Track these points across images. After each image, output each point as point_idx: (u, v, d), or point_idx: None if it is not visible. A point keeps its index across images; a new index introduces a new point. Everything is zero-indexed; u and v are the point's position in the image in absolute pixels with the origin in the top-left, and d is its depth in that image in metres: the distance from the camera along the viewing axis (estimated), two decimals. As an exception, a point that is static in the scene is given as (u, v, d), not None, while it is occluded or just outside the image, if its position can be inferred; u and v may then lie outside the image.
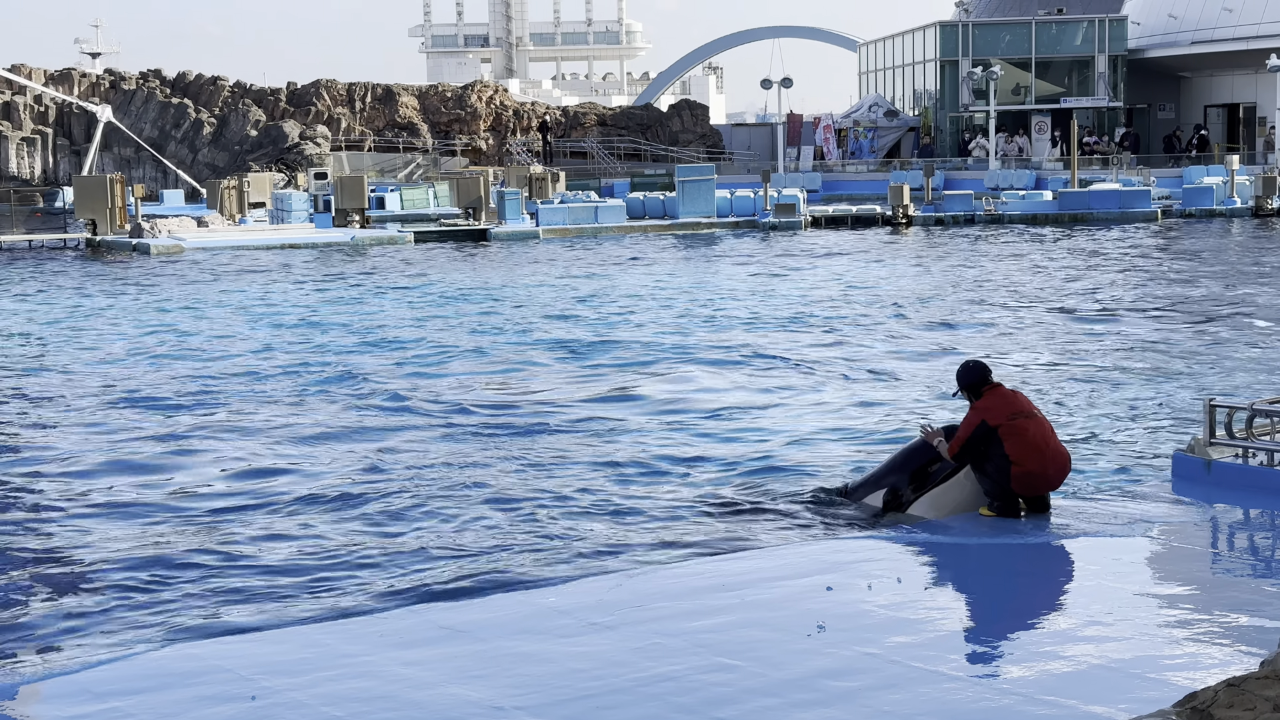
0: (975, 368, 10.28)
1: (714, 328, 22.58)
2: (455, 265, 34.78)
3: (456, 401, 16.11)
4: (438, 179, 57.76)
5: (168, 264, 35.75)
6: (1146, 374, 17.24)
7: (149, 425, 15.09)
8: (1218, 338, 20.45)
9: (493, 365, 19.10)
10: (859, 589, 8.63)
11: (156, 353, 20.56)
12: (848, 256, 35.37)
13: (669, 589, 8.82)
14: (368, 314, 24.96)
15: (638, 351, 20.05)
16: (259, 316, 24.78)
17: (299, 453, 13.68)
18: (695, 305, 25.56)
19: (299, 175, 57.66)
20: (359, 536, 10.66)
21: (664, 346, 20.50)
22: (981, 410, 9.92)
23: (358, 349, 20.65)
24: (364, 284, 30.15)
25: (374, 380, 17.72)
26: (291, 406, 16.06)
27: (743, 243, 40.08)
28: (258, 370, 18.74)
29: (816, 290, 27.66)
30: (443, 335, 22.10)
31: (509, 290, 28.55)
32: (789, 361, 18.91)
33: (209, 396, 16.78)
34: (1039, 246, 36.84)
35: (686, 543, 10.33)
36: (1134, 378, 16.95)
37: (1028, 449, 9.76)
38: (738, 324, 23.00)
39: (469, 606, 8.64)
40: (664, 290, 28.09)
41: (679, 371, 18.31)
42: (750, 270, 32.21)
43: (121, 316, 25.20)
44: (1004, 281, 28.70)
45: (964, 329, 22.01)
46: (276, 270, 33.56)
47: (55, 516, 11.48)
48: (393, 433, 14.47)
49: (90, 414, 15.87)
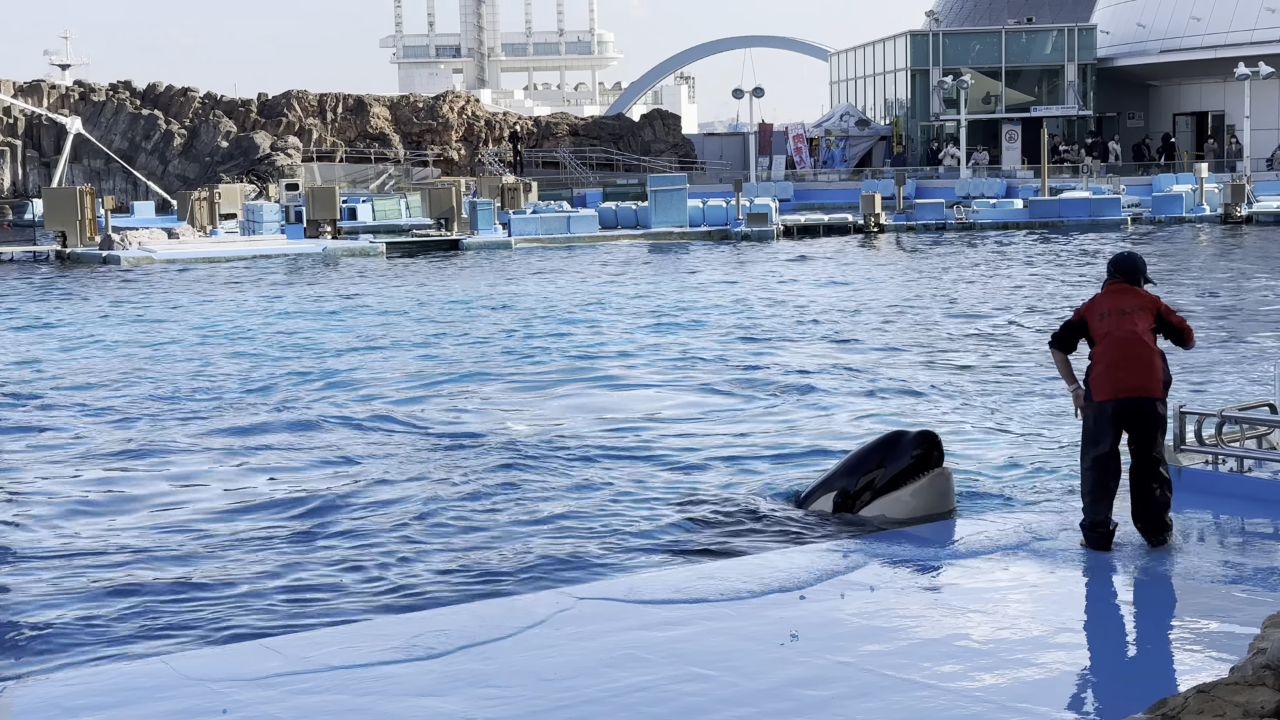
0: (1130, 258, 9.62)
1: (680, 336, 22.57)
2: (425, 275, 34.71)
3: (418, 414, 16.07)
4: (409, 190, 57.64)
5: (138, 276, 35.59)
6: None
7: (112, 439, 15.01)
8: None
9: (454, 373, 19.07)
10: (831, 597, 8.64)
11: (122, 367, 20.45)
12: (819, 264, 35.46)
13: (640, 598, 8.81)
14: (334, 326, 24.88)
15: (602, 362, 20.05)
16: (221, 329, 24.68)
17: (266, 466, 13.63)
18: (664, 314, 25.55)
19: (270, 186, 57.48)
20: (329, 550, 10.62)
21: (629, 355, 20.50)
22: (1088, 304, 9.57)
23: (322, 361, 20.58)
24: (331, 295, 30.06)
25: (342, 393, 17.67)
26: (254, 420, 15.99)
27: (715, 252, 40.13)
28: (223, 385, 18.66)
29: (786, 299, 27.69)
30: (405, 346, 22.04)
31: (478, 299, 28.51)
32: (755, 370, 18.92)
33: (177, 410, 16.70)
34: (1009, 254, 36.99)
35: (655, 551, 10.34)
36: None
37: (1101, 357, 9.32)
38: (705, 333, 23.00)
39: (440, 618, 8.61)
40: (633, 299, 28.08)
41: (643, 380, 18.31)
42: (721, 279, 32.24)
43: (87, 328, 25.07)
44: (976, 288, 28.80)
45: (936, 335, 22.05)
46: (248, 281, 33.44)
47: (19, 528, 11.41)
48: (358, 446, 14.43)
49: (51, 427, 15.77)
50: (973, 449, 13.57)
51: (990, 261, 35.26)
